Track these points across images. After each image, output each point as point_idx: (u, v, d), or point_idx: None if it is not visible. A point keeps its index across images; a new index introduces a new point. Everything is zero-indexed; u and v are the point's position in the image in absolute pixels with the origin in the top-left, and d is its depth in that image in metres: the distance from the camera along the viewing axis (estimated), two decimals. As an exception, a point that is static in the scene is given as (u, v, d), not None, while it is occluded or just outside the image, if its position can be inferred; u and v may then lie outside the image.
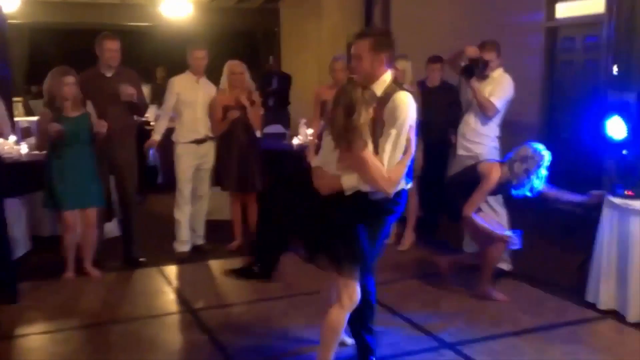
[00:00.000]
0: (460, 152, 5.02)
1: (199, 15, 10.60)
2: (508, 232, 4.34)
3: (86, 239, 4.93)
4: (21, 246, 5.32)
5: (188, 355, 3.71)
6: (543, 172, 4.15)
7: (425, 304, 4.38)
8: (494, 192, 4.38)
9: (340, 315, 3.11)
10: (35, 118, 4.89)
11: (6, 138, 5.14)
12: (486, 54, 4.76)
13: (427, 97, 5.25)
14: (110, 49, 4.98)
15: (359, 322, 3.36)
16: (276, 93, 9.72)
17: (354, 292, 3.09)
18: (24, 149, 5.73)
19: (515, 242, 4.30)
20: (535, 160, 4.10)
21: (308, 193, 3.07)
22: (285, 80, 9.97)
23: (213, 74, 5.55)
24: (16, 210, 5.24)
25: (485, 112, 4.76)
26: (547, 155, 4.15)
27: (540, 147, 4.18)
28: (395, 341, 3.78)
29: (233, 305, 4.47)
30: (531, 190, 4.19)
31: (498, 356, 3.60)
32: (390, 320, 4.08)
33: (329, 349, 3.14)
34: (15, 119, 7.79)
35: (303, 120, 6.20)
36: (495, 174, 4.17)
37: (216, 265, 5.36)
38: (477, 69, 4.74)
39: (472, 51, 4.77)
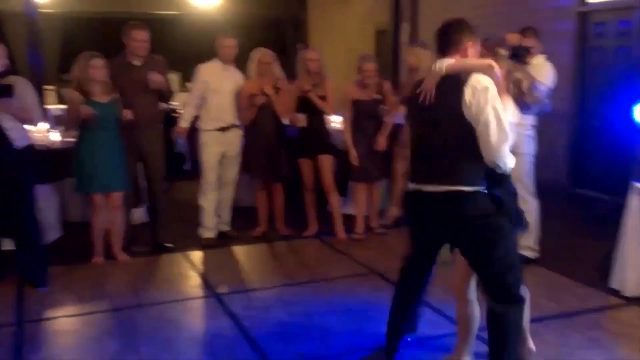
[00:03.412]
0: None
1: (227, 3, 10.66)
2: None
3: (114, 223, 5.04)
4: (53, 231, 5.46)
5: (213, 339, 3.76)
6: None
7: (447, 289, 4.36)
8: None
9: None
10: (67, 106, 4.97)
11: (35, 125, 5.24)
12: (527, 40, 4.63)
13: None
14: (138, 39, 5.03)
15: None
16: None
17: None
18: (55, 136, 5.87)
19: None
20: None
21: None
22: None
23: (240, 62, 5.59)
24: (47, 197, 5.38)
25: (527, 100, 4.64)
26: None
27: None
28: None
29: (257, 290, 4.53)
30: None
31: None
32: (412, 306, 4.08)
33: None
34: (48, 107, 7.97)
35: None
36: None
37: (241, 251, 5.44)
38: (519, 57, 4.62)
39: (514, 38, 4.65)
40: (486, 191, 2.80)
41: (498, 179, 2.83)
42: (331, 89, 5.49)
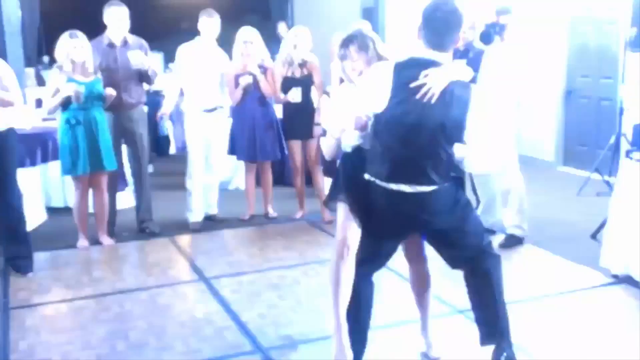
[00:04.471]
0: None
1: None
2: None
3: (98, 206, 4.96)
4: (36, 217, 5.36)
5: (202, 324, 3.72)
6: None
7: (437, 269, 4.35)
8: None
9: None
10: (48, 88, 4.87)
11: (16, 108, 5.12)
12: (502, 17, 4.67)
13: None
14: (119, 18, 4.95)
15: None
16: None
17: None
18: (36, 119, 5.75)
19: None
20: None
21: None
22: None
23: (224, 42, 5.49)
24: (30, 181, 5.28)
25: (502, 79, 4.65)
26: None
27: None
28: (406, 307, 3.78)
29: (245, 274, 4.49)
30: None
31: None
32: (400, 286, 4.07)
33: None
34: (27, 89, 7.80)
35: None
36: None
37: (229, 234, 5.39)
38: (493, 34, 4.64)
39: (488, 17, 4.68)
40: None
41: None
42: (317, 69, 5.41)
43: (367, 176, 2.79)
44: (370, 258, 2.93)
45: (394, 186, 2.70)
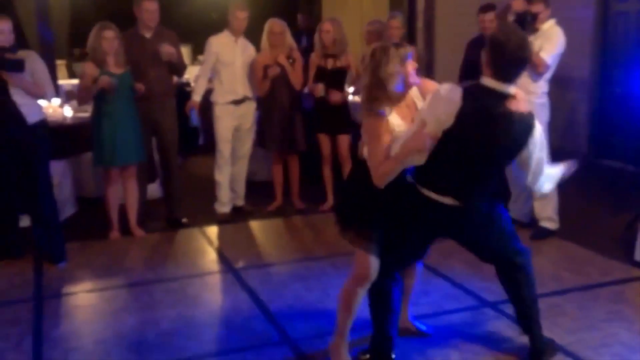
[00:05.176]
0: None
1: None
2: None
3: (128, 195, 5.01)
4: (68, 207, 5.45)
5: (230, 313, 3.76)
6: None
7: (466, 263, 4.32)
8: None
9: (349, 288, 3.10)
10: (78, 81, 4.93)
11: (48, 100, 5.21)
12: (534, 6, 4.57)
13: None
14: (149, 10, 4.97)
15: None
16: (306, 51, 9.56)
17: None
18: (67, 111, 5.83)
19: None
20: None
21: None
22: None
23: (252, 33, 5.49)
24: (62, 173, 5.36)
25: (535, 68, 4.55)
26: None
27: None
28: (436, 300, 3.77)
29: (273, 265, 4.51)
30: None
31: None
32: (432, 280, 4.05)
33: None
34: (59, 81, 7.92)
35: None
36: None
37: (256, 225, 5.41)
38: (525, 23, 4.55)
39: (518, 4, 4.59)
40: None
41: None
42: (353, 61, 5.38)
43: (410, 180, 2.86)
44: (404, 261, 3.09)
45: (444, 199, 2.80)
